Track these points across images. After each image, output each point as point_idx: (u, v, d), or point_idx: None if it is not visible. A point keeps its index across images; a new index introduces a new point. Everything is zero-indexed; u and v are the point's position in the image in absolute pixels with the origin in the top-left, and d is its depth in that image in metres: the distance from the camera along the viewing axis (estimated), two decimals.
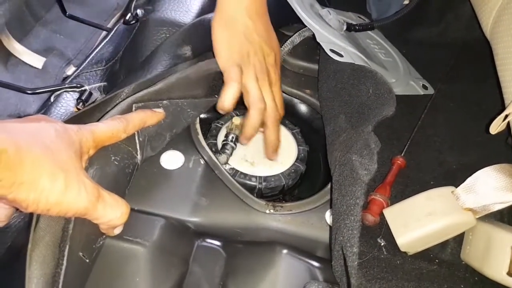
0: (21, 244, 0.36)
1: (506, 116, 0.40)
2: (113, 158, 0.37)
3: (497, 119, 0.40)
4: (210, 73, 0.47)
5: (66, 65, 0.67)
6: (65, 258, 0.31)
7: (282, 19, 0.62)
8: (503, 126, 0.41)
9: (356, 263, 0.34)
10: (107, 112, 0.37)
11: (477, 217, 0.42)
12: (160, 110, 0.42)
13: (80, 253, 0.34)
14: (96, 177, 0.34)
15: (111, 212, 0.33)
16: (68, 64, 0.67)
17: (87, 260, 0.35)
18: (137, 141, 0.39)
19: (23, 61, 0.63)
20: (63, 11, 0.66)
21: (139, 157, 0.40)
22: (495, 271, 0.39)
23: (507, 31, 0.46)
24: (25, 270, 0.29)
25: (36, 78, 0.63)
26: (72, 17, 0.66)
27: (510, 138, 0.43)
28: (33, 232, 0.30)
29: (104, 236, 0.37)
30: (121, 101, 0.38)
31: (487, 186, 0.42)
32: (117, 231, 0.37)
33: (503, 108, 0.42)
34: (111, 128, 0.36)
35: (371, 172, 0.38)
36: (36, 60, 0.64)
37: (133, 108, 0.40)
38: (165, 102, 0.42)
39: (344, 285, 0.38)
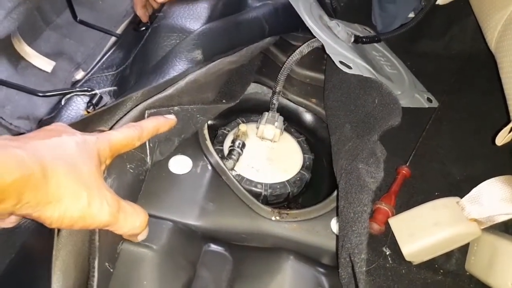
0: (33, 247, 0.36)
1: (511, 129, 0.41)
2: (128, 166, 0.37)
3: (503, 131, 0.41)
4: (219, 74, 0.47)
5: (75, 70, 0.67)
6: (96, 270, 0.31)
7: (291, 26, 0.63)
8: (508, 138, 0.41)
9: (364, 269, 0.34)
10: (120, 119, 0.38)
11: (482, 227, 0.43)
12: (172, 117, 0.42)
13: (106, 264, 0.35)
14: (114, 186, 0.35)
15: (131, 222, 0.34)
16: (77, 68, 0.68)
17: (111, 270, 0.36)
18: (147, 147, 0.40)
19: (33, 65, 0.64)
20: (74, 16, 0.66)
21: (149, 162, 0.41)
22: (500, 282, 0.39)
23: None
24: (42, 277, 0.29)
25: (46, 81, 0.64)
26: (82, 23, 0.67)
27: None
28: (56, 241, 0.30)
29: (122, 242, 0.38)
30: (133, 107, 0.39)
31: (492, 197, 0.43)
32: (141, 237, 0.37)
33: (508, 120, 0.43)
34: (126, 136, 0.36)
35: (377, 180, 0.39)
36: (46, 64, 0.65)
37: (146, 115, 0.40)
38: (176, 108, 0.42)
39: None
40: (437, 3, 0.75)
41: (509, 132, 0.41)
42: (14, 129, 0.55)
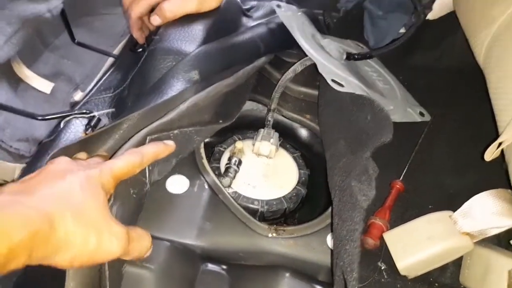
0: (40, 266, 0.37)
1: (500, 143, 0.42)
2: (132, 191, 0.38)
3: (491, 146, 0.42)
4: (216, 97, 0.49)
5: (73, 90, 0.68)
6: None
7: (285, 44, 0.64)
8: (497, 153, 0.42)
9: (357, 287, 0.35)
10: (122, 145, 0.39)
11: (475, 241, 0.44)
12: (171, 143, 0.42)
13: None
14: (120, 213, 0.36)
15: (139, 248, 0.35)
16: (76, 89, 0.69)
17: None
18: (147, 170, 0.41)
19: (32, 86, 0.65)
20: (72, 38, 0.68)
21: (148, 184, 0.41)
22: None
23: (499, 62, 0.48)
24: None
25: (45, 103, 0.65)
26: (81, 44, 0.68)
27: (504, 164, 0.44)
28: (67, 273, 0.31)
29: (125, 264, 0.39)
30: (132, 129, 0.40)
31: (484, 211, 0.43)
32: (146, 255, 0.38)
33: (497, 135, 0.44)
34: (128, 163, 0.37)
35: (369, 198, 0.40)
36: (45, 85, 0.66)
37: (147, 140, 0.41)
38: (176, 132, 0.43)
39: None
40: (427, 18, 0.77)
41: (497, 147, 0.42)
42: (14, 151, 0.56)
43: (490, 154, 0.42)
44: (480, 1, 0.57)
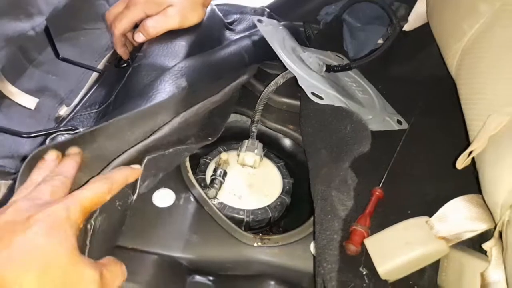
0: None
1: (471, 152, 0.44)
2: (117, 203, 0.39)
3: (462, 155, 0.44)
4: (204, 113, 0.50)
5: (58, 105, 0.69)
6: None
7: (269, 56, 0.66)
8: (468, 161, 0.45)
9: None
10: (113, 161, 0.39)
11: (450, 245, 0.46)
12: (138, 167, 0.41)
13: None
14: (105, 224, 0.36)
15: (115, 282, 0.34)
16: (61, 104, 0.69)
17: None
18: (137, 182, 0.41)
19: (16, 103, 0.65)
20: (57, 54, 0.68)
21: (134, 196, 0.42)
22: None
23: (469, 74, 0.51)
24: None
25: (29, 118, 0.65)
26: (65, 60, 0.69)
27: (475, 171, 0.47)
28: None
29: None
30: (129, 149, 0.40)
31: (458, 216, 0.46)
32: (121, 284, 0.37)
33: (468, 144, 0.46)
34: (97, 193, 0.35)
35: (347, 208, 0.42)
36: (30, 101, 0.66)
37: (145, 160, 0.41)
38: (170, 150, 0.44)
39: None
40: (404, 29, 0.80)
41: (468, 155, 0.44)
42: None
43: (461, 162, 0.44)
44: (452, 15, 0.60)
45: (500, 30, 0.48)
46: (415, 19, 0.79)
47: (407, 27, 0.79)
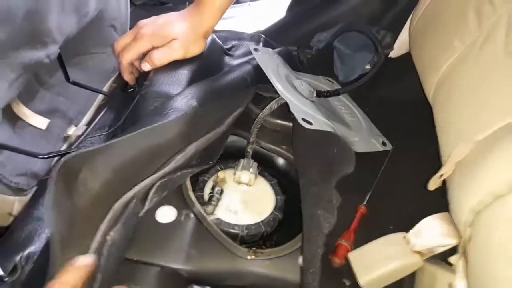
0: None
1: (442, 175, 0.49)
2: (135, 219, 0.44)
3: (433, 177, 0.49)
4: (210, 141, 0.55)
5: (67, 126, 0.74)
6: None
7: (266, 79, 0.72)
8: (439, 183, 0.50)
9: None
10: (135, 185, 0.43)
11: (424, 258, 0.50)
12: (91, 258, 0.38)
13: None
14: (123, 230, 0.41)
15: None
16: (70, 124, 0.75)
17: None
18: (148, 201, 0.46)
19: (29, 123, 0.70)
20: (67, 78, 0.74)
21: (142, 213, 0.47)
22: None
23: (442, 104, 0.56)
24: None
25: (41, 138, 0.70)
26: (75, 83, 0.74)
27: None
28: None
29: None
30: (142, 181, 0.44)
31: (432, 232, 0.50)
32: None
33: (440, 167, 0.52)
34: None
35: (331, 225, 0.47)
36: (41, 122, 0.71)
37: (158, 183, 0.46)
38: (178, 174, 0.49)
39: None
40: (390, 55, 0.86)
41: (440, 178, 0.49)
42: (14, 185, 0.61)
43: (433, 184, 0.49)
44: (430, 48, 0.66)
45: (469, 65, 0.54)
46: (400, 46, 0.85)
47: (392, 54, 0.86)
